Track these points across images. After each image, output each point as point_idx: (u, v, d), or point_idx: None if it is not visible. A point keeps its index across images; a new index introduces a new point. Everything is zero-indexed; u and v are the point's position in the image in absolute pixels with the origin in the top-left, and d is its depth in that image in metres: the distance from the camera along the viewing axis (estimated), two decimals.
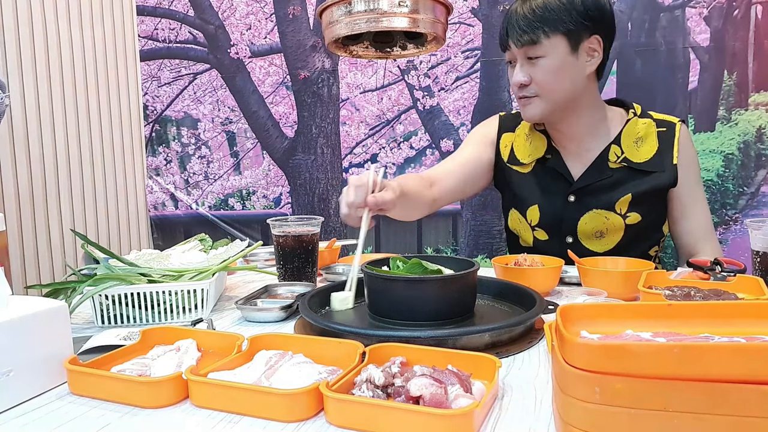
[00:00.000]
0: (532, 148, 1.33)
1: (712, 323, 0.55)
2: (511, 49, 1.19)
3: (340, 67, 2.18)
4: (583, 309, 0.59)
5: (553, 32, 1.14)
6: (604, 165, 1.27)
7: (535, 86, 1.19)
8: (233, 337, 0.71)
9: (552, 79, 1.17)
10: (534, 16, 1.14)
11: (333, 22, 1.02)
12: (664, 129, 1.28)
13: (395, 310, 0.81)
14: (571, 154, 1.30)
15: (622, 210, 1.25)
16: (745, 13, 1.77)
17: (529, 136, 1.35)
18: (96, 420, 0.57)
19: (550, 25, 1.14)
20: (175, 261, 1.01)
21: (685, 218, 1.29)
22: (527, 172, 1.35)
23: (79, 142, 2.10)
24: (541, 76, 1.17)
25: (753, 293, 0.79)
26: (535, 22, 1.14)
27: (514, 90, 1.24)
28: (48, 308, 0.65)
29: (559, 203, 1.29)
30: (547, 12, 1.14)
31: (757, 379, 0.42)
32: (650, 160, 1.25)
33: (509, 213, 1.40)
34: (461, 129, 2.09)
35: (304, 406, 0.55)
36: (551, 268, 1.03)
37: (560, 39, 1.15)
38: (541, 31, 1.14)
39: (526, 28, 1.14)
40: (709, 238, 1.30)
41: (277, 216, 1.67)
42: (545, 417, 0.55)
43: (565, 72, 1.17)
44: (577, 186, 1.27)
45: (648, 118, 1.29)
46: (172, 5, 2.30)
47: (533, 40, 1.14)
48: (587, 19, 1.15)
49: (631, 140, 1.27)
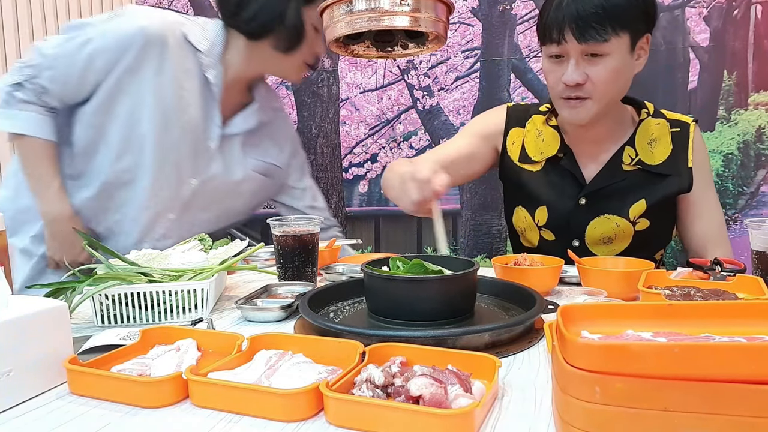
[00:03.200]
0: (544, 145, 1.27)
1: (713, 323, 0.55)
2: (564, 44, 1.08)
3: (340, 66, 2.18)
4: (583, 309, 0.59)
5: (622, 29, 1.06)
6: (617, 167, 1.21)
7: (591, 86, 1.10)
8: (233, 336, 0.71)
9: (612, 80, 1.10)
10: (603, 10, 1.04)
11: (334, 21, 1.02)
12: (678, 129, 1.23)
13: (395, 310, 0.81)
14: (585, 154, 1.24)
15: (635, 217, 1.21)
16: (744, 12, 1.77)
17: (541, 133, 1.28)
18: (96, 420, 0.57)
19: (620, 22, 1.05)
20: (175, 261, 1.01)
21: (696, 222, 1.24)
22: (538, 170, 1.28)
23: None
24: (602, 75, 1.08)
25: (753, 293, 0.79)
26: (605, 18, 1.04)
27: (559, 89, 1.14)
28: (48, 308, 0.65)
29: (569, 205, 1.24)
30: (617, 7, 1.04)
31: (757, 379, 0.42)
32: (665, 163, 1.21)
33: (515, 210, 1.34)
34: (461, 129, 2.09)
35: (303, 405, 0.55)
36: (551, 268, 1.03)
37: (626, 37, 1.07)
38: (610, 28, 1.05)
39: (595, 23, 1.04)
40: (720, 242, 1.25)
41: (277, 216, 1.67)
42: (545, 417, 0.55)
43: (623, 73, 1.11)
44: (590, 189, 1.22)
45: (661, 118, 1.25)
46: (171, 5, 2.30)
47: (602, 36, 1.04)
48: (646, 17, 1.10)
49: (645, 141, 1.22)
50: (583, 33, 1.05)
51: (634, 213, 1.21)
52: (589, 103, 1.12)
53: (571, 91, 1.12)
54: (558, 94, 1.15)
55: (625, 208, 1.21)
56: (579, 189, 1.24)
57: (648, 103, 1.27)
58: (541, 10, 1.15)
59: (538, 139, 1.29)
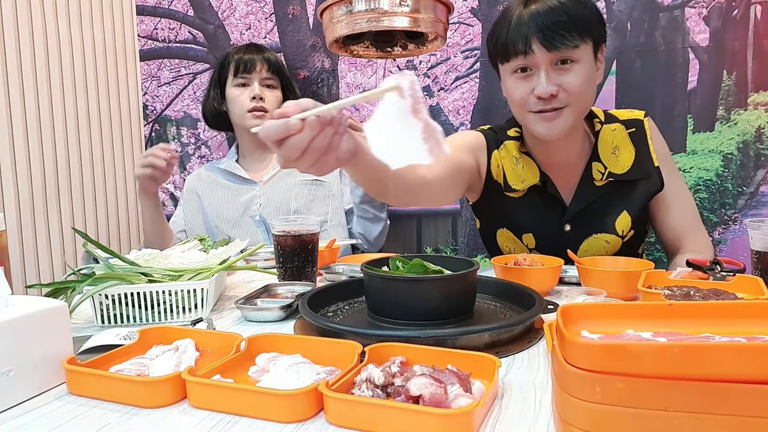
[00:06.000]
0: (525, 173, 1.24)
1: (713, 323, 0.55)
2: (532, 55, 1.07)
3: (339, 66, 2.17)
4: (583, 309, 0.59)
5: (588, 36, 1.08)
6: (590, 185, 1.20)
7: (565, 95, 1.08)
8: (231, 336, 0.71)
9: (585, 86, 1.09)
10: (569, 17, 1.05)
11: (334, 21, 1.02)
12: (634, 129, 1.22)
13: (395, 310, 0.81)
14: (560, 178, 1.23)
15: (624, 231, 1.20)
16: (744, 13, 1.77)
17: (519, 160, 1.25)
18: (95, 420, 0.56)
19: (586, 29, 1.07)
20: (175, 261, 1.01)
21: (669, 215, 1.23)
22: (519, 197, 1.26)
23: (79, 141, 2.10)
24: (574, 82, 1.07)
25: (752, 293, 0.79)
26: (572, 24, 1.05)
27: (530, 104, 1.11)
28: (48, 308, 0.65)
29: (555, 232, 1.23)
30: (582, 15, 1.07)
31: (757, 379, 0.42)
32: (632, 169, 1.20)
33: (497, 231, 1.31)
34: (461, 129, 2.09)
35: (303, 406, 0.55)
36: (551, 268, 1.03)
37: (590, 44, 1.09)
38: (577, 34, 1.05)
39: (563, 30, 1.04)
40: (695, 230, 1.24)
41: None
42: (545, 417, 0.55)
43: (592, 81, 1.11)
44: (570, 213, 1.21)
45: (615, 122, 1.23)
46: (171, 5, 2.30)
47: (572, 42, 1.05)
48: (602, 28, 1.11)
49: (608, 152, 1.21)
50: (552, 41, 1.05)
51: (621, 227, 1.21)
52: (566, 111, 1.10)
53: (545, 103, 1.09)
54: (528, 109, 1.12)
55: (610, 224, 1.20)
56: (562, 214, 1.23)
57: (595, 108, 1.24)
58: (494, 31, 1.14)
59: (516, 166, 1.25)
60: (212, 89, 1.83)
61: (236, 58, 1.74)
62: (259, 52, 1.75)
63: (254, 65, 1.72)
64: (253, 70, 1.72)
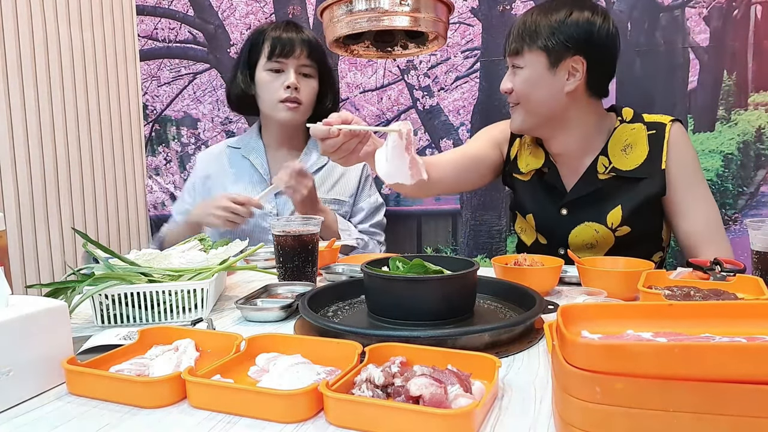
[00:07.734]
0: (532, 158, 1.38)
1: (713, 323, 0.55)
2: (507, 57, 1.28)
3: (339, 66, 2.17)
4: (583, 309, 0.59)
5: (532, 47, 1.22)
6: (593, 177, 1.29)
7: (516, 95, 1.26)
8: (231, 336, 0.71)
9: (528, 90, 1.24)
10: (523, 29, 1.22)
11: (334, 21, 1.02)
12: (654, 132, 1.26)
13: (395, 310, 0.81)
14: (566, 167, 1.33)
15: (614, 224, 1.26)
16: (744, 13, 1.76)
17: (530, 147, 1.40)
18: (95, 420, 0.56)
19: (532, 40, 1.21)
20: (175, 261, 1.01)
21: (682, 221, 1.26)
22: (526, 180, 1.40)
23: (79, 141, 2.10)
24: (518, 85, 1.25)
25: (753, 293, 0.79)
26: (522, 35, 1.22)
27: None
28: (48, 308, 0.65)
29: (552, 215, 1.34)
30: (534, 28, 1.21)
31: (757, 379, 0.42)
32: (640, 167, 1.25)
33: (516, 215, 1.46)
34: (461, 129, 2.09)
35: (303, 406, 0.55)
36: (551, 268, 1.03)
37: (539, 54, 1.21)
38: (524, 44, 1.22)
39: (514, 39, 1.24)
40: (714, 240, 1.24)
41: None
42: (545, 417, 0.55)
43: (541, 86, 1.23)
44: (568, 199, 1.31)
45: (639, 123, 1.29)
46: (171, 5, 2.30)
47: (516, 50, 1.23)
48: (570, 41, 1.19)
49: (618, 148, 1.28)
50: (508, 46, 1.26)
51: (611, 220, 1.27)
52: (519, 109, 1.29)
53: (509, 98, 1.30)
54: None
55: (603, 216, 1.28)
56: (561, 200, 1.33)
57: (627, 109, 1.32)
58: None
59: (527, 152, 1.41)
60: (240, 71, 1.61)
61: (272, 37, 1.53)
62: (298, 32, 1.55)
63: (292, 49, 1.51)
64: (290, 54, 1.52)
